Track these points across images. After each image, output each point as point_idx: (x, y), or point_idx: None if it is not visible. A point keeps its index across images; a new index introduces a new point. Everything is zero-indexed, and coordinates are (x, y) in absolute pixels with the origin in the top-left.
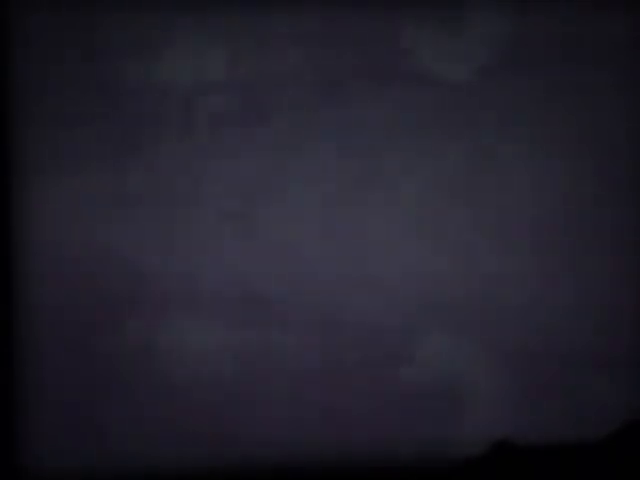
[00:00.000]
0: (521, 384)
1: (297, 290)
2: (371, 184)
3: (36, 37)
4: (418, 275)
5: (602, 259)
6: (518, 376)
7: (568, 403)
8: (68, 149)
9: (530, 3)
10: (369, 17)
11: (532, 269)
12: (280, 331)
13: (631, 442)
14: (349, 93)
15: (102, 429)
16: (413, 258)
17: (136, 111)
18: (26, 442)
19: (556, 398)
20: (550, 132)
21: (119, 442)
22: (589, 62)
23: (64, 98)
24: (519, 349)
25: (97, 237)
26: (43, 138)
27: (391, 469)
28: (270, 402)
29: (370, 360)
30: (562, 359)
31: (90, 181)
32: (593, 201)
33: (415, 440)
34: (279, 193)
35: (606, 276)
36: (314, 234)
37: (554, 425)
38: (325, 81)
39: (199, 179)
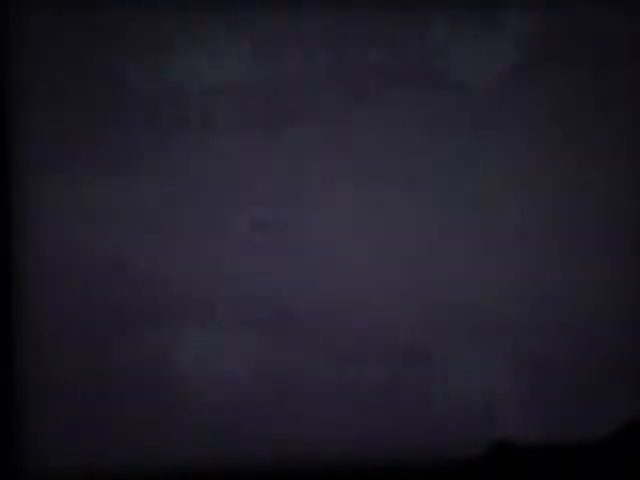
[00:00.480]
0: (520, 384)
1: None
2: (395, 185)
3: (36, 37)
4: (417, 276)
5: (602, 259)
6: (517, 376)
7: (569, 403)
8: (68, 149)
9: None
10: (398, 16)
11: (532, 269)
12: (298, 340)
13: (631, 442)
14: (376, 94)
15: (102, 429)
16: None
17: (138, 112)
18: (26, 442)
19: (556, 398)
20: (553, 133)
21: (119, 442)
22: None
23: (64, 98)
24: (518, 349)
25: (97, 237)
26: (43, 138)
27: (391, 469)
28: (271, 403)
29: (371, 360)
30: (562, 359)
31: (91, 181)
32: (593, 201)
33: (415, 440)
34: (304, 197)
35: (606, 276)
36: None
37: (554, 425)
38: (352, 81)
39: (199, 181)
